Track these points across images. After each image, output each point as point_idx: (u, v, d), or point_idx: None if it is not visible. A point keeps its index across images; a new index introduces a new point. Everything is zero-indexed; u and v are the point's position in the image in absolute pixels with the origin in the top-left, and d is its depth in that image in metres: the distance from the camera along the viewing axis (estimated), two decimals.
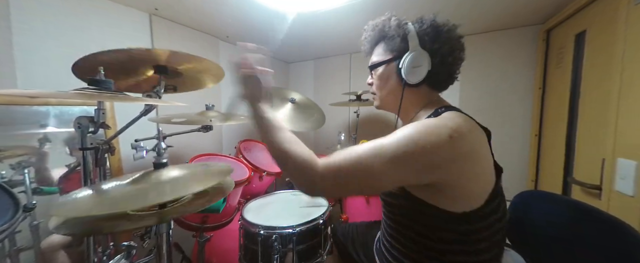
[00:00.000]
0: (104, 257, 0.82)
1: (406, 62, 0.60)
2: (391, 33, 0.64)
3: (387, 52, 0.66)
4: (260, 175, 1.38)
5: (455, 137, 0.49)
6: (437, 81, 0.64)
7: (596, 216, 0.64)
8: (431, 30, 0.60)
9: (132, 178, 0.65)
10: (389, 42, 0.65)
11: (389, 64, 0.66)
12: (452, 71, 0.64)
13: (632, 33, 0.85)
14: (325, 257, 0.94)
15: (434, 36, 0.60)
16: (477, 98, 1.65)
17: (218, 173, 0.68)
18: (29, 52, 0.98)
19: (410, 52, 0.60)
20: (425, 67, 0.60)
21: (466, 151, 0.50)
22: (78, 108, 1.09)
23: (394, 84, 0.66)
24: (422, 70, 0.60)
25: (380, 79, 0.69)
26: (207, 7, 1.28)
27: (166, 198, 0.55)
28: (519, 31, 1.51)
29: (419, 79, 0.61)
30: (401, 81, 0.63)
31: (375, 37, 0.68)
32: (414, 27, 0.61)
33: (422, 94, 0.66)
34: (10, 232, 0.68)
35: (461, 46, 0.64)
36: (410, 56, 0.60)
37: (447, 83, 0.66)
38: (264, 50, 0.70)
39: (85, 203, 0.54)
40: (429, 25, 0.61)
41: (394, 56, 0.64)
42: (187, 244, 1.37)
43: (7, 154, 0.91)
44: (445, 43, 0.61)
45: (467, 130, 0.52)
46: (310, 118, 1.61)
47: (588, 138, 1.09)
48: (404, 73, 0.61)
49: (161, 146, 0.69)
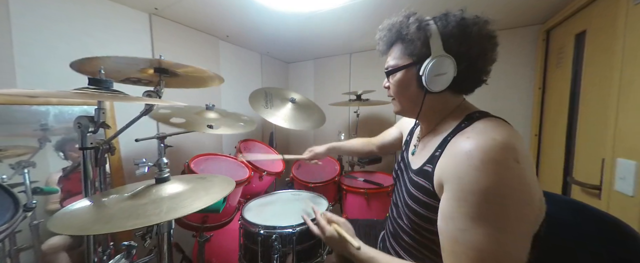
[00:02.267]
0: (104, 257, 0.82)
1: (428, 69, 0.54)
2: (410, 36, 0.56)
3: (406, 56, 0.58)
4: (260, 175, 1.38)
5: (520, 157, 0.44)
6: (463, 86, 0.58)
7: (595, 216, 0.64)
8: (458, 31, 0.53)
9: (132, 192, 0.64)
10: (407, 45, 0.57)
11: (408, 69, 0.59)
12: (481, 74, 0.57)
13: (632, 33, 0.85)
14: (325, 256, 0.94)
15: (461, 37, 0.53)
16: (476, 98, 1.64)
17: (219, 190, 0.68)
18: (29, 52, 0.98)
19: (432, 58, 0.53)
20: (451, 75, 0.54)
21: (531, 163, 0.46)
22: (78, 108, 1.09)
23: (414, 91, 0.60)
24: (446, 78, 0.54)
25: (398, 85, 0.62)
26: (207, 7, 1.28)
27: (165, 218, 0.54)
28: (519, 31, 1.52)
29: (443, 88, 0.55)
30: (422, 88, 0.57)
31: (392, 38, 0.61)
32: (437, 27, 0.54)
33: (446, 100, 0.60)
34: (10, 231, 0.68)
35: (493, 46, 0.56)
36: (433, 63, 0.53)
37: (474, 86, 0.60)
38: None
39: (82, 219, 0.54)
40: (456, 25, 0.53)
41: (413, 61, 0.57)
42: (187, 244, 1.37)
43: (7, 154, 0.91)
44: (475, 45, 0.53)
45: (517, 140, 0.47)
46: (310, 118, 1.61)
47: (588, 138, 1.09)
48: (425, 81, 0.55)
49: (162, 161, 0.68)
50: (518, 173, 0.43)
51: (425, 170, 0.57)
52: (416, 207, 0.58)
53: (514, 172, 0.43)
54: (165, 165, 0.69)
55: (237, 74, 1.94)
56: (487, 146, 0.45)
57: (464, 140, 0.49)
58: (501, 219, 0.43)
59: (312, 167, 1.65)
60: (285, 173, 1.58)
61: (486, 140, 0.46)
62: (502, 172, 0.43)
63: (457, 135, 0.53)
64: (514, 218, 0.43)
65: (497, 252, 0.42)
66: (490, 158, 0.43)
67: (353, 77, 2.18)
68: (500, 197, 0.42)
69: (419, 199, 0.57)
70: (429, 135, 0.65)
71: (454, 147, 0.51)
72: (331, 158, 1.71)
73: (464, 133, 0.52)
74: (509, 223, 0.43)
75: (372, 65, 2.07)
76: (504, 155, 0.44)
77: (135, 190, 0.65)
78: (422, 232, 0.58)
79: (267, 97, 1.55)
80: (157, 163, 0.68)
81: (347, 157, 2.12)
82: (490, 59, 0.56)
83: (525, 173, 0.44)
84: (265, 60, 2.21)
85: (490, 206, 0.43)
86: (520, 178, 0.43)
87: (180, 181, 0.71)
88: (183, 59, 1.49)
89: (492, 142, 0.45)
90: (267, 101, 1.53)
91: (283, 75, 2.50)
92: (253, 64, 2.11)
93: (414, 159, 0.67)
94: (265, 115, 1.43)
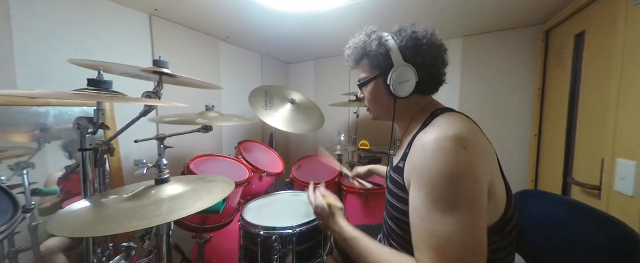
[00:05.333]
0: (103, 258, 0.82)
1: (393, 78, 0.61)
2: (373, 51, 0.64)
3: (373, 68, 0.67)
4: (260, 175, 1.38)
5: (468, 144, 0.49)
6: (427, 88, 0.66)
7: (595, 216, 0.64)
8: (411, 44, 0.61)
9: (132, 193, 0.64)
10: (372, 59, 0.66)
11: (377, 80, 0.67)
12: (439, 76, 0.65)
13: (632, 33, 0.85)
14: (325, 257, 0.94)
15: (414, 49, 0.61)
16: (476, 98, 1.65)
17: (220, 190, 0.68)
18: (29, 52, 0.98)
19: (394, 68, 0.61)
20: (413, 80, 0.61)
21: (481, 149, 0.51)
22: (78, 108, 1.08)
23: (385, 98, 0.67)
24: (409, 84, 0.62)
25: (371, 94, 0.70)
26: (207, 7, 1.28)
27: (166, 219, 0.54)
28: (519, 32, 1.52)
29: (409, 92, 0.62)
30: (391, 95, 0.64)
31: (358, 55, 0.69)
32: (395, 41, 0.62)
33: (414, 102, 0.67)
34: (9, 232, 0.68)
35: (443, 53, 0.64)
36: (396, 73, 0.61)
37: (436, 86, 0.67)
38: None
39: (81, 220, 0.54)
40: (409, 39, 0.62)
41: (380, 72, 0.65)
42: (187, 245, 1.37)
43: (6, 155, 0.91)
44: (427, 54, 0.61)
45: (468, 131, 0.52)
46: (310, 119, 1.61)
47: (587, 139, 1.09)
48: (393, 89, 0.62)
49: (162, 162, 0.68)
50: (465, 159, 0.48)
51: (399, 166, 0.62)
52: (395, 202, 0.62)
53: (461, 157, 0.48)
54: (165, 166, 0.69)
55: (237, 75, 1.94)
56: (438, 137, 0.51)
57: (422, 136, 0.55)
58: (454, 202, 0.47)
59: (312, 167, 1.65)
60: (285, 174, 1.58)
61: (438, 132, 0.52)
62: (449, 158, 0.48)
63: (421, 132, 0.58)
64: (467, 199, 0.47)
65: (454, 233, 0.46)
66: (439, 147, 0.49)
67: (353, 78, 2.18)
68: (449, 179, 0.47)
69: (396, 194, 0.62)
70: (404, 135, 0.71)
71: (416, 142, 0.56)
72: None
73: (425, 129, 0.58)
74: (462, 205, 0.46)
75: None
76: (452, 143, 0.49)
77: (134, 191, 0.65)
78: (402, 225, 0.62)
79: (267, 96, 1.55)
80: (157, 164, 0.68)
81: (347, 158, 2.12)
82: (442, 63, 0.65)
83: (473, 159, 0.48)
84: (265, 60, 2.21)
85: (442, 190, 0.48)
86: (467, 163, 0.48)
87: (179, 182, 0.71)
88: (183, 59, 1.51)
89: (443, 133, 0.51)
90: (267, 101, 1.53)
91: (283, 76, 2.51)
92: (253, 64, 2.11)
93: (394, 158, 0.73)
94: (264, 117, 1.43)
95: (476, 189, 0.48)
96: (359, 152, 1.89)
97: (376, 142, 2.00)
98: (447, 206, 0.47)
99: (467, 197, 0.47)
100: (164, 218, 0.54)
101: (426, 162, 0.50)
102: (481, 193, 0.48)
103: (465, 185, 0.47)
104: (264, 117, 1.43)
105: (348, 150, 1.70)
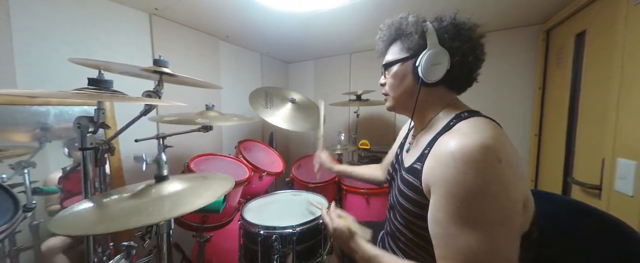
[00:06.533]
0: (104, 257, 0.82)
1: (424, 59, 0.57)
2: (409, 30, 0.61)
3: (404, 51, 0.63)
4: (260, 175, 1.38)
5: (502, 156, 0.45)
6: (456, 82, 0.61)
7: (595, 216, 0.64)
8: (452, 28, 0.58)
9: (132, 192, 0.64)
10: (405, 40, 0.62)
11: (405, 62, 0.63)
12: (472, 71, 0.61)
13: (632, 33, 0.85)
14: (325, 257, 0.94)
15: (454, 34, 0.58)
16: (476, 98, 1.64)
17: (219, 187, 0.68)
18: (29, 52, 0.98)
19: (428, 49, 0.57)
20: (445, 66, 0.57)
21: (515, 162, 0.47)
22: (78, 108, 1.09)
23: (409, 83, 0.63)
24: (441, 69, 0.57)
25: (394, 77, 0.66)
26: (207, 7, 1.28)
27: (167, 215, 0.54)
28: (519, 31, 1.52)
29: (438, 78, 0.58)
30: (417, 80, 0.60)
31: (391, 36, 0.66)
32: (433, 25, 0.59)
33: (439, 95, 0.63)
34: (10, 232, 0.68)
35: (482, 46, 0.61)
36: (429, 53, 0.57)
37: (466, 84, 0.63)
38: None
39: (84, 219, 0.54)
40: (449, 23, 0.59)
41: (410, 54, 0.62)
42: (187, 244, 1.37)
43: (7, 154, 0.91)
44: (466, 41, 0.58)
45: (502, 140, 0.48)
46: (310, 118, 1.61)
47: (588, 139, 1.09)
48: (422, 71, 0.58)
49: (162, 158, 0.68)
50: (499, 173, 0.45)
51: (415, 168, 0.59)
52: (408, 205, 0.59)
53: (496, 172, 0.44)
54: (165, 162, 0.69)
55: (237, 74, 1.94)
56: (469, 147, 0.46)
57: (448, 140, 0.51)
58: (485, 220, 0.44)
59: (312, 167, 1.65)
60: (285, 174, 1.58)
61: (468, 141, 0.47)
62: (483, 174, 0.44)
63: (445, 134, 0.55)
64: (498, 218, 0.44)
65: (484, 254, 0.43)
66: (473, 160, 0.45)
67: (353, 77, 2.18)
68: (482, 196, 0.44)
69: (410, 197, 0.58)
70: (422, 132, 0.67)
71: (439, 146, 0.52)
72: (332, 158, 1.70)
73: (450, 132, 0.54)
74: (493, 223, 0.44)
75: (372, 65, 2.07)
76: (485, 156, 0.45)
77: (135, 190, 0.65)
78: (414, 229, 0.60)
79: (267, 96, 1.55)
80: (156, 159, 0.68)
81: (347, 157, 2.12)
82: (479, 57, 0.60)
83: (505, 172, 0.45)
84: (265, 60, 2.21)
85: (473, 208, 0.44)
86: (502, 178, 0.45)
87: (180, 180, 0.71)
88: (183, 59, 1.51)
89: (474, 143, 0.46)
90: (267, 101, 1.53)
91: (283, 75, 2.50)
92: (253, 64, 2.11)
93: (407, 157, 0.69)
94: (264, 116, 1.43)
95: (511, 207, 0.45)
96: (359, 152, 1.89)
97: (376, 141, 2.00)
98: (478, 224, 0.44)
99: (502, 215, 0.44)
100: (168, 212, 0.54)
101: (456, 174, 0.46)
102: (516, 209, 0.46)
103: (500, 203, 0.44)
104: (265, 115, 1.43)
105: (348, 149, 1.70)
